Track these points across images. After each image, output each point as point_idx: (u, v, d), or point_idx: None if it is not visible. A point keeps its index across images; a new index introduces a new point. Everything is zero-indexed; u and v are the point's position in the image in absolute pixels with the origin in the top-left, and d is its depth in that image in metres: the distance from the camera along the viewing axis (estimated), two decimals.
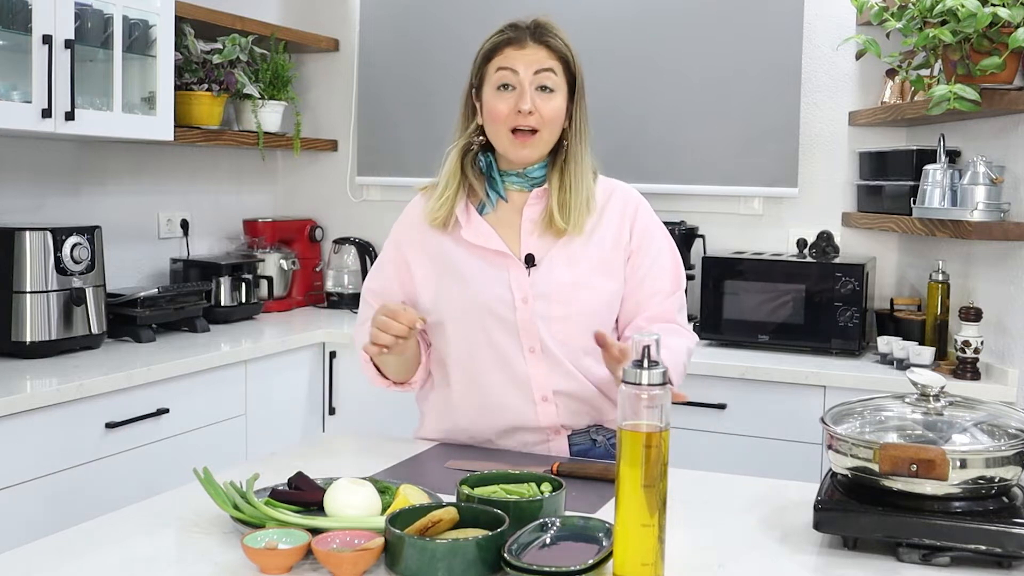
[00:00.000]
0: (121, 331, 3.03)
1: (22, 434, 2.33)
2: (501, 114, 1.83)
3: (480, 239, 1.87)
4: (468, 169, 1.90)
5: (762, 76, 3.38)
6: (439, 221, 1.89)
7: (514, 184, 1.90)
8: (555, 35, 1.86)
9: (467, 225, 1.88)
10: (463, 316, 1.86)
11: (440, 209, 1.89)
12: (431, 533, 1.29)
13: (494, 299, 1.84)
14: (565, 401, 1.87)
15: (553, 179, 1.87)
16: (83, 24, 2.77)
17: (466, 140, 1.91)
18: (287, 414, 3.27)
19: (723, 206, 3.52)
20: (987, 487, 1.34)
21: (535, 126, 1.82)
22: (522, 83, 1.82)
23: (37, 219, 3.03)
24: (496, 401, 1.88)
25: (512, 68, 1.83)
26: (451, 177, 1.90)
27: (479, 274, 1.86)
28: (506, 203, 1.90)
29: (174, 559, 1.39)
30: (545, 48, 1.84)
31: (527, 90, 1.82)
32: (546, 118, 1.83)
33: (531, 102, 1.81)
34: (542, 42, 1.84)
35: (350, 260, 3.92)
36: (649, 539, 1.22)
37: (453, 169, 1.91)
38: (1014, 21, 2.41)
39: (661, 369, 1.24)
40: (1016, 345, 2.66)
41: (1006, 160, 2.72)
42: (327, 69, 4.06)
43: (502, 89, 1.84)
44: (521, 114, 1.81)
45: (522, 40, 1.84)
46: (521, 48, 1.84)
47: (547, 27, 1.86)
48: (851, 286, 2.99)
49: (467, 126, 1.92)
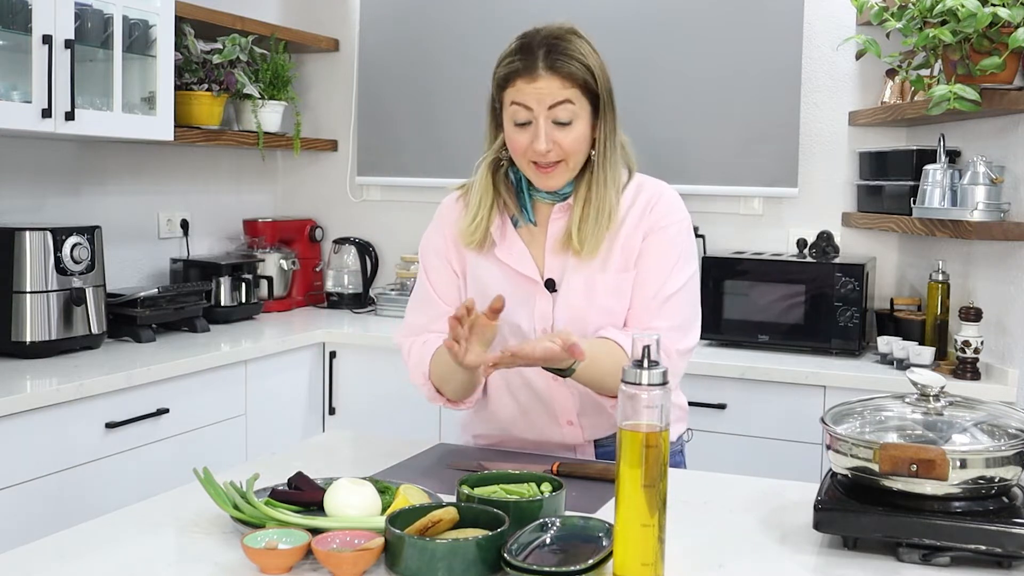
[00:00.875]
0: (121, 331, 3.03)
1: (22, 434, 2.33)
2: (520, 147, 1.75)
3: (512, 259, 1.82)
4: (500, 184, 1.84)
5: (762, 76, 3.38)
6: (474, 244, 1.84)
7: (544, 199, 1.83)
8: (570, 56, 1.72)
9: (501, 243, 1.84)
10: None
11: (476, 232, 1.83)
12: (431, 533, 1.29)
13: (517, 329, 1.82)
14: (591, 421, 1.87)
15: (580, 191, 1.80)
16: (83, 24, 2.77)
17: (495, 155, 1.84)
18: (287, 414, 3.27)
19: (723, 206, 3.52)
20: (987, 487, 1.34)
21: (556, 159, 1.74)
22: (537, 119, 1.72)
23: (37, 219, 3.03)
24: (524, 420, 1.89)
25: (524, 104, 1.72)
26: (484, 194, 1.84)
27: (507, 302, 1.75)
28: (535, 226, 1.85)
29: (174, 559, 1.39)
30: (559, 77, 1.71)
31: (542, 128, 1.71)
32: (567, 150, 1.74)
33: (546, 141, 1.71)
34: (555, 71, 1.71)
35: (350, 260, 3.92)
36: (649, 539, 1.22)
37: (485, 185, 1.84)
38: (1014, 21, 2.41)
39: (661, 369, 1.24)
40: (1016, 345, 2.66)
41: (1006, 160, 2.72)
42: (327, 69, 4.06)
43: (519, 125, 1.74)
44: (540, 153, 1.73)
45: (533, 70, 1.71)
46: (533, 81, 1.71)
47: (561, 48, 1.72)
48: (851, 286, 2.99)
49: (494, 139, 1.84)
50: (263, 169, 4.04)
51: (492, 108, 1.83)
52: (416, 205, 3.90)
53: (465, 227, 1.85)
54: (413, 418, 3.19)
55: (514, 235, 1.84)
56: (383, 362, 3.29)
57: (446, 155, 3.75)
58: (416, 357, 1.86)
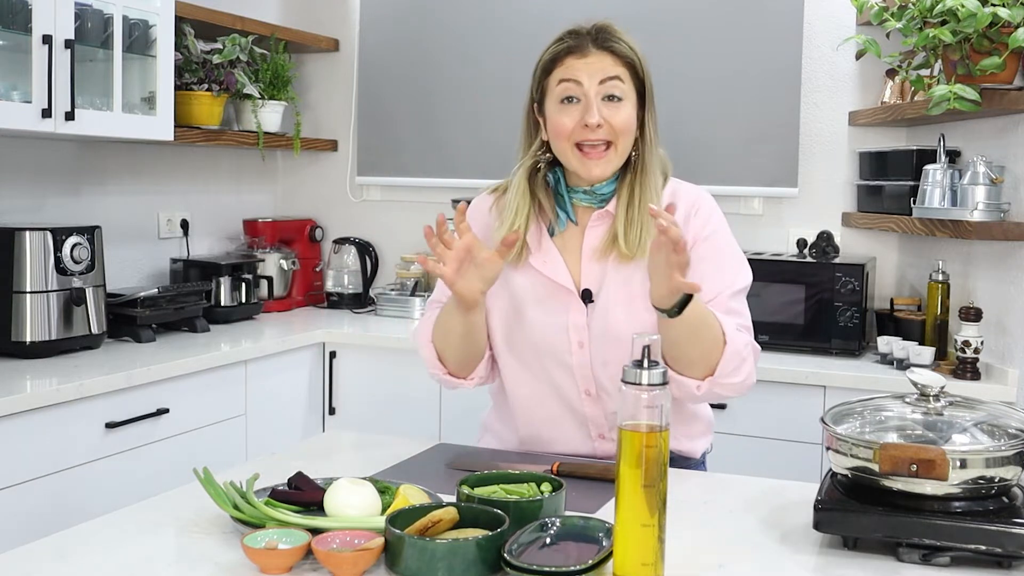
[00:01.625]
0: (121, 331, 3.03)
1: (22, 434, 2.33)
2: (566, 129, 1.71)
3: (547, 268, 1.78)
4: (538, 189, 1.79)
5: (762, 76, 3.38)
6: (511, 259, 1.76)
7: (582, 201, 1.79)
8: (619, 39, 1.73)
9: (537, 251, 1.79)
10: (521, 350, 1.81)
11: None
12: (431, 533, 1.29)
13: (551, 343, 1.78)
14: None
15: (623, 193, 1.76)
16: (83, 24, 2.77)
17: (532, 160, 1.79)
18: (287, 414, 3.27)
19: (723, 206, 3.45)
20: (987, 487, 1.34)
21: (606, 138, 1.70)
22: (587, 94, 1.70)
23: (37, 219, 3.03)
24: (553, 434, 1.85)
25: (575, 79, 1.70)
26: (521, 203, 1.78)
27: (540, 312, 1.78)
28: (575, 224, 1.80)
29: (174, 559, 1.39)
30: (610, 54, 1.71)
31: (593, 101, 1.69)
32: (617, 129, 1.71)
33: (598, 114, 1.69)
34: (606, 48, 1.71)
35: (350, 260, 3.92)
36: (649, 539, 1.22)
37: (522, 193, 1.78)
38: (1014, 21, 2.41)
39: (661, 369, 1.24)
40: (1016, 345, 2.66)
41: (1006, 160, 2.72)
42: (327, 69, 4.06)
43: (566, 102, 1.71)
44: (589, 128, 1.69)
45: (584, 47, 1.71)
46: (583, 56, 1.71)
47: (610, 31, 1.74)
48: (851, 286, 2.99)
49: (531, 143, 1.80)
50: (263, 169, 4.04)
51: (529, 110, 1.80)
52: (416, 205, 3.90)
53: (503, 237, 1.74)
54: (413, 418, 3.19)
55: (549, 243, 1.80)
56: (383, 362, 3.29)
57: (446, 155, 3.75)
58: (423, 325, 1.84)
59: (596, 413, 1.81)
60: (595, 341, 1.76)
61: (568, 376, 1.79)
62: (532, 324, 1.79)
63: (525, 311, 1.80)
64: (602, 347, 1.76)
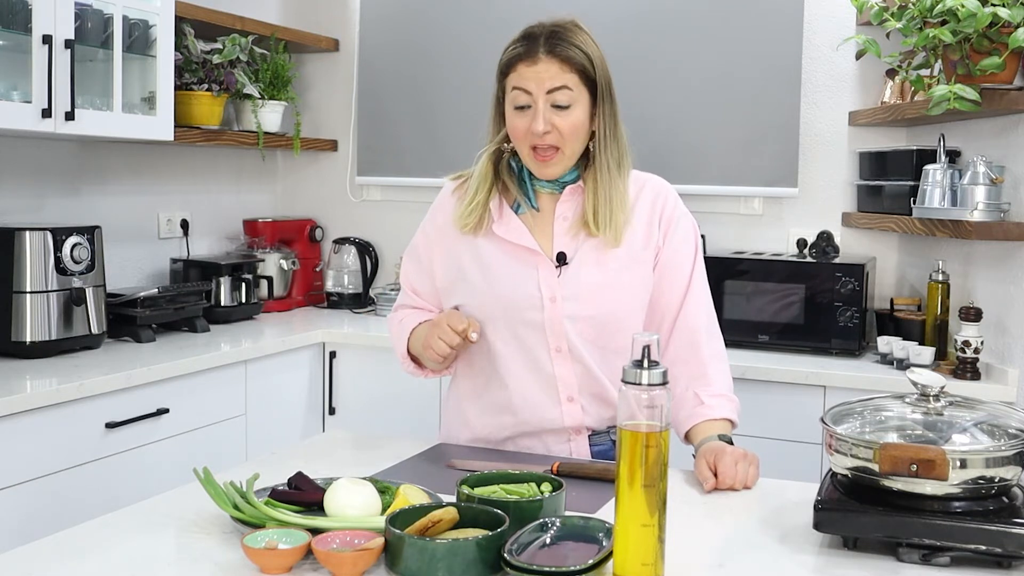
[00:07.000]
0: (121, 331, 3.03)
1: (22, 434, 2.33)
2: (520, 132, 1.80)
3: (512, 235, 1.86)
4: (503, 171, 1.88)
5: (762, 76, 3.38)
6: (469, 228, 1.87)
7: (545, 188, 1.88)
8: (570, 43, 1.78)
9: (499, 220, 1.87)
10: (490, 313, 1.85)
11: (470, 216, 1.87)
12: (431, 533, 1.29)
13: (522, 297, 1.83)
14: (590, 401, 1.86)
15: (588, 182, 1.85)
16: (83, 24, 2.77)
17: (497, 145, 1.88)
18: (287, 414, 3.27)
19: (723, 206, 3.52)
20: (987, 487, 1.33)
21: (554, 143, 1.79)
22: (536, 102, 1.77)
23: (37, 219, 3.03)
24: (521, 399, 1.87)
25: (524, 88, 1.78)
26: (482, 181, 1.88)
27: (508, 272, 1.85)
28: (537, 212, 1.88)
29: (174, 559, 1.39)
30: (558, 61, 1.77)
31: (540, 110, 1.77)
32: (565, 134, 1.78)
33: (545, 123, 1.77)
34: (555, 55, 1.77)
35: (350, 260, 3.92)
36: (649, 539, 1.22)
37: (484, 173, 1.89)
38: (1014, 21, 2.41)
39: (661, 369, 1.24)
40: (1016, 345, 2.66)
41: (1006, 160, 2.72)
42: (327, 69, 4.06)
43: (519, 109, 1.80)
44: (536, 134, 1.78)
45: (534, 54, 1.77)
46: (533, 64, 1.77)
47: (562, 35, 1.79)
48: (851, 286, 2.99)
49: (497, 132, 1.89)
50: (263, 169, 4.04)
51: (496, 100, 1.88)
52: (416, 205, 3.90)
53: (462, 211, 1.89)
54: (413, 418, 3.19)
55: (512, 215, 1.88)
56: (383, 362, 3.29)
57: (446, 155, 3.74)
58: (395, 336, 2.00)
59: (565, 372, 1.85)
60: (567, 299, 1.82)
61: (538, 334, 1.84)
62: (502, 280, 1.85)
63: (493, 269, 1.86)
64: (575, 304, 1.83)
